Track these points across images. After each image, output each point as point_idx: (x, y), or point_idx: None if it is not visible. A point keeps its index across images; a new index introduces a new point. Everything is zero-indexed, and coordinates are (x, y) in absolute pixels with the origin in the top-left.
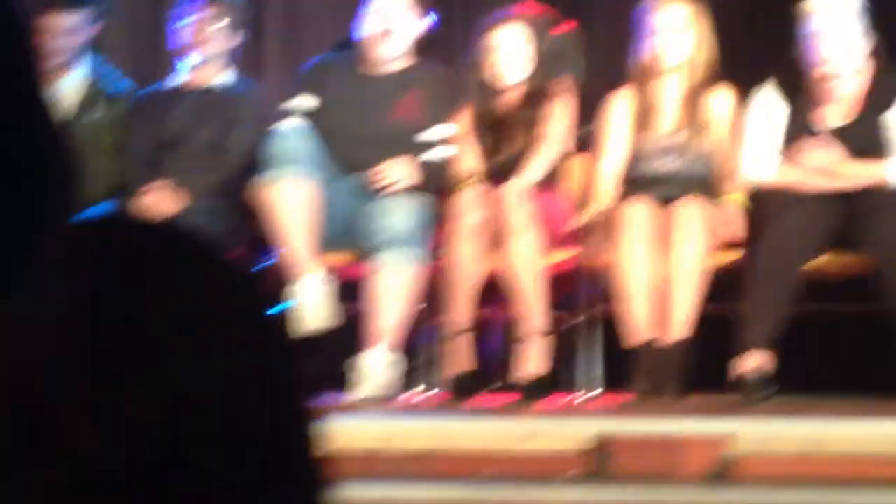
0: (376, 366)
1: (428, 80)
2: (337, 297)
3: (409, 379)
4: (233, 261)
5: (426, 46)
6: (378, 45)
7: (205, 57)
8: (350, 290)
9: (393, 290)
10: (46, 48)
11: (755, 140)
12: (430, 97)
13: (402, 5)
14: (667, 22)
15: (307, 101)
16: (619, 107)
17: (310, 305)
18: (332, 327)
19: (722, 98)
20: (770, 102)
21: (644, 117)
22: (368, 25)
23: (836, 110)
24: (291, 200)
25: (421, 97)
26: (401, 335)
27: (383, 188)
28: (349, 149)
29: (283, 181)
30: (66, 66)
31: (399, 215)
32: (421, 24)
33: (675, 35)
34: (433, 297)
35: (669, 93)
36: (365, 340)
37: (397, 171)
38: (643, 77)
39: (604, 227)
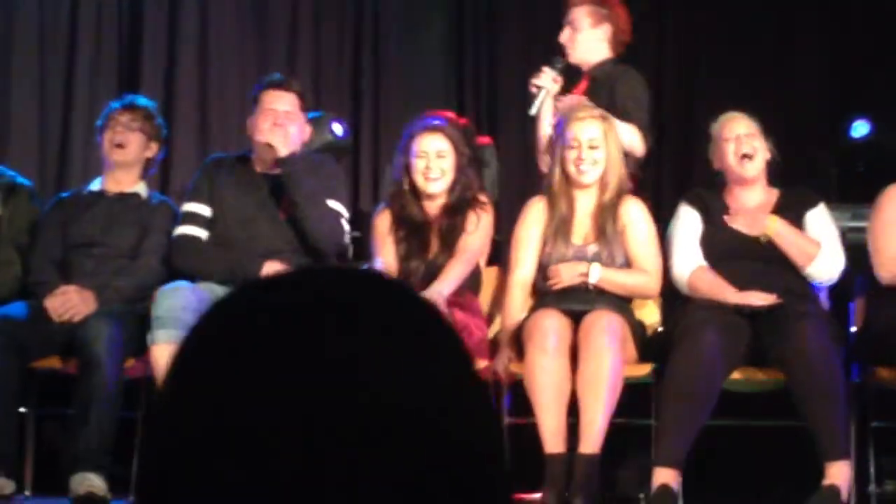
0: None
1: (325, 169)
2: None
3: None
4: None
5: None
6: (270, 148)
7: (123, 163)
8: None
9: None
10: None
11: (681, 242)
12: (327, 182)
13: (294, 109)
14: (584, 137)
15: (201, 208)
16: (532, 218)
17: None
18: None
19: (633, 206)
20: (687, 212)
21: (557, 228)
22: (262, 125)
23: (746, 219)
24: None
25: (318, 180)
26: None
27: None
28: (242, 257)
29: (165, 346)
30: None
31: None
32: (307, 127)
33: (591, 151)
34: None
35: (583, 205)
36: None
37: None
38: (557, 189)
39: (515, 338)
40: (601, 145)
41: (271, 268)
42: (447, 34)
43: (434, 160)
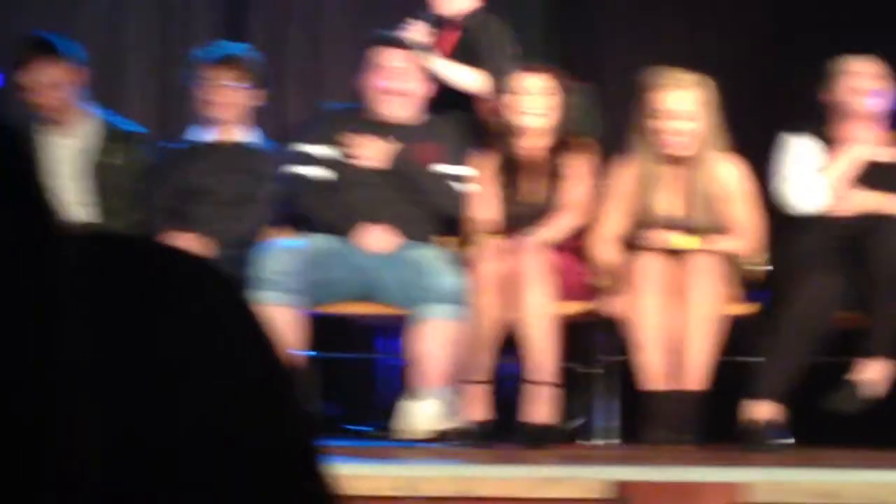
0: (425, 413)
1: (445, 131)
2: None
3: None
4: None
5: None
6: (386, 101)
7: (226, 116)
8: (367, 337)
9: (439, 343)
10: (45, 103)
11: (798, 173)
12: (446, 146)
13: (410, 66)
14: (676, 108)
15: (317, 149)
16: (625, 177)
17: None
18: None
19: (729, 167)
20: (804, 142)
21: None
22: (377, 81)
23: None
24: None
25: (438, 147)
26: (445, 383)
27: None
28: (365, 198)
29: (265, 307)
30: (72, 114)
31: (443, 273)
32: (429, 84)
33: (683, 123)
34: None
35: (671, 171)
36: (412, 389)
37: (371, 150)
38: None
39: (618, 279)
40: (694, 117)
41: (371, 231)
42: None
43: (536, 98)
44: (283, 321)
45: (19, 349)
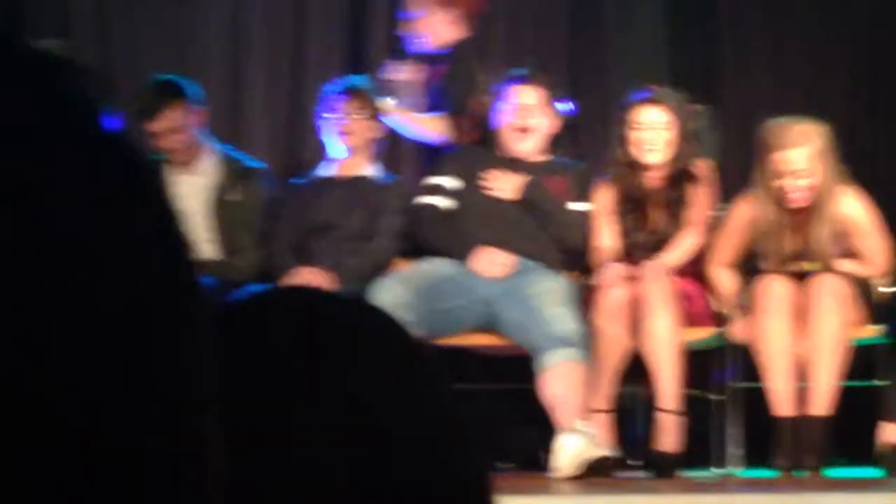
0: (570, 448)
1: (570, 169)
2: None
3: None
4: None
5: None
6: (518, 138)
7: (351, 148)
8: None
9: (566, 385)
10: (170, 146)
11: None
12: (573, 184)
13: (541, 102)
14: (793, 165)
15: (450, 181)
16: (741, 214)
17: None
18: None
19: (851, 201)
20: None
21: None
22: (509, 118)
23: None
24: None
25: (565, 182)
26: (580, 418)
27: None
28: (489, 227)
29: None
30: (196, 153)
31: (564, 319)
32: (556, 121)
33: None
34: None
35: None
36: (557, 426)
37: (504, 182)
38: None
39: (741, 304)
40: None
41: (488, 255)
42: (665, 6)
43: (652, 131)
44: None
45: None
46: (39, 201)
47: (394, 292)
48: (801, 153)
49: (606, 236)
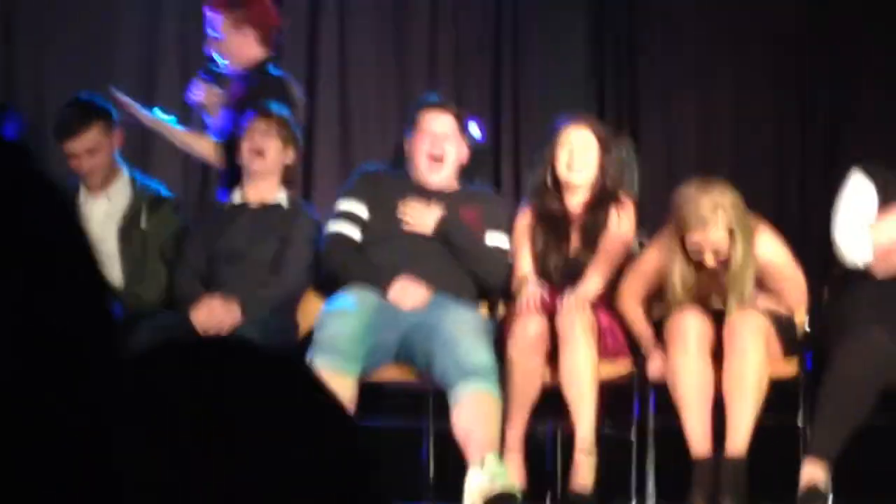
0: (477, 483)
1: (485, 198)
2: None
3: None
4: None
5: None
6: (432, 168)
7: (259, 172)
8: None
9: (476, 418)
10: (82, 170)
11: (850, 225)
12: (488, 213)
13: (453, 130)
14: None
15: (358, 208)
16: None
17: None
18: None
19: (766, 241)
20: (860, 187)
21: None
22: (422, 146)
23: None
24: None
25: (480, 212)
26: (490, 452)
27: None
28: (403, 259)
29: (324, 372)
30: (111, 177)
31: (477, 351)
32: (467, 149)
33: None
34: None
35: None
36: (468, 460)
37: (421, 216)
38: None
39: (655, 340)
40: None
41: (403, 286)
42: (588, 35)
43: (578, 152)
44: (341, 388)
45: None
46: None
47: (335, 324)
48: (714, 232)
49: (525, 260)
